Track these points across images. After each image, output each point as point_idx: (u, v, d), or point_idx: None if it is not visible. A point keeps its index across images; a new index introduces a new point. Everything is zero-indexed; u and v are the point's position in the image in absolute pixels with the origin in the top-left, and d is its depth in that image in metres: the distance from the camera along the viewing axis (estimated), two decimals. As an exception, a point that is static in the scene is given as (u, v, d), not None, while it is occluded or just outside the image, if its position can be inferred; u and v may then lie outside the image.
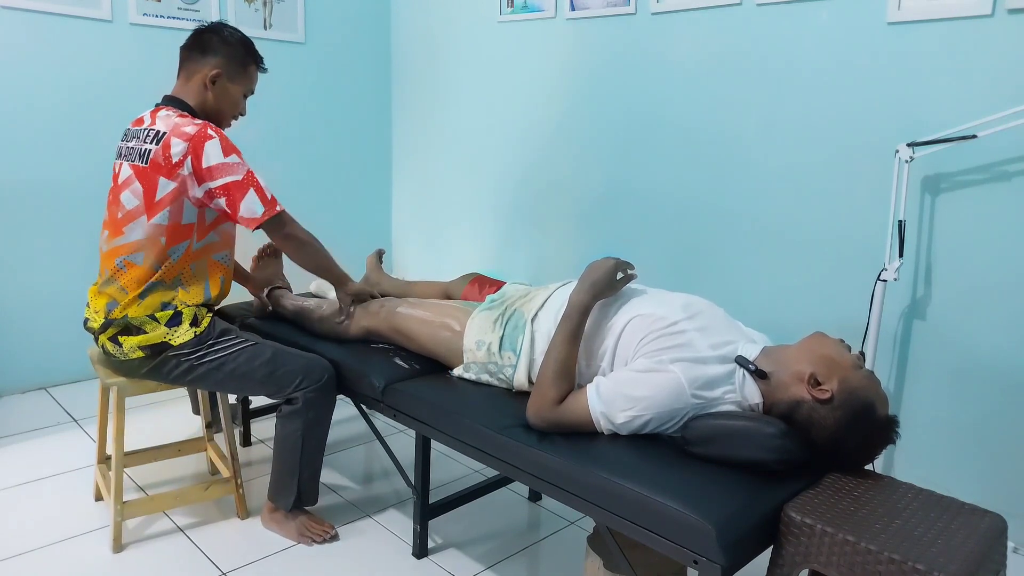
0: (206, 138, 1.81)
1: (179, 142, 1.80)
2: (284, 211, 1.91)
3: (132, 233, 1.86)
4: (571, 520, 2.21)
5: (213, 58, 1.94)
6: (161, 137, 1.82)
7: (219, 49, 1.95)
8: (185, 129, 1.82)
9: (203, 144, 1.80)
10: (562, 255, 3.21)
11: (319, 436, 2.01)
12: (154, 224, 1.84)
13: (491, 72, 3.38)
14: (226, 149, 1.83)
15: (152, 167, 1.82)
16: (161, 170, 1.81)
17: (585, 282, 1.67)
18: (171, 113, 1.90)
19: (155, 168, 1.82)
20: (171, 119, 1.86)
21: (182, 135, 1.81)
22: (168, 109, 1.92)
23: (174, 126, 1.83)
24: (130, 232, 1.86)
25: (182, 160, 1.80)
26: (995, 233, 2.03)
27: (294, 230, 1.95)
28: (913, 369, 2.22)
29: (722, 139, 2.58)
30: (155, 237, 1.85)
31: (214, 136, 1.82)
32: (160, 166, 1.81)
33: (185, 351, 1.89)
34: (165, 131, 1.83)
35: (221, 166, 1.81)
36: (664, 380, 1.51)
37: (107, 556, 1.93)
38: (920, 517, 1.33)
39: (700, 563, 1.29)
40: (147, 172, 1.83)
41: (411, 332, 2.04)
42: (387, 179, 4.05)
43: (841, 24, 2.26)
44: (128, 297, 1.86)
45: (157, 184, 1.82)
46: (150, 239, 1.85)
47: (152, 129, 1.86)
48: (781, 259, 2.47)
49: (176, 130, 1.82)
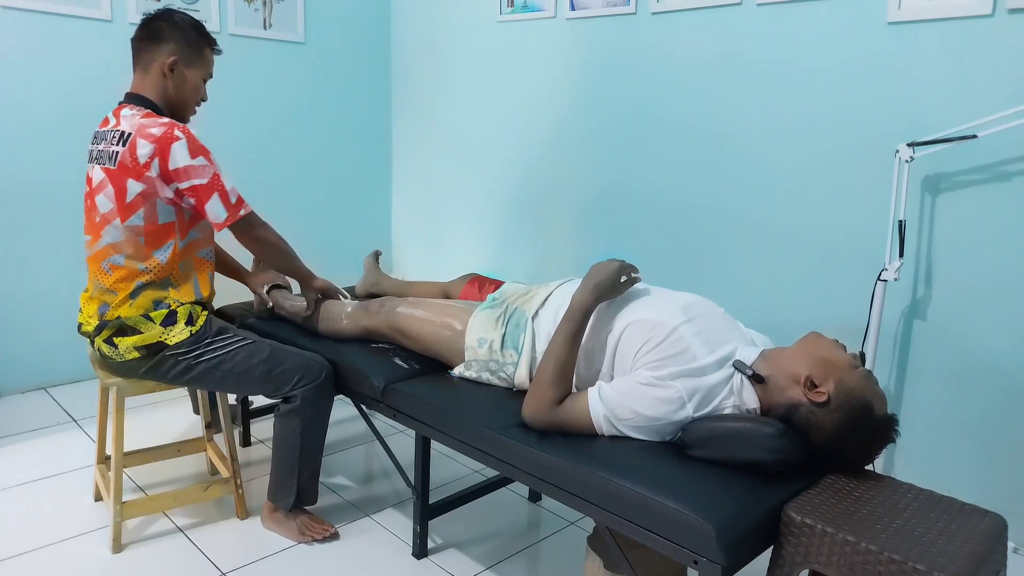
0: (172, 139, 1.78)
1: (145, 143, 1.77)
2: (249, 214, 1.89)
3: (109, 236, 1.85)
4: (571, 520, 2.21)
5: (167, 45, 1.89)
6: (127, 138, 1.80)
7: (171, 35, 1.90)
8: (151, 131, 1.79)
9: (170, 145, 1.78)
10: (562, 255, 3.20)
11: (318, 434, 2.01)
12: (128, 226, 1.83)
13: (491, 72, 3.38)
14: (193, 151, 1.80)
15: (120, 169, 1.80)
16: (129, 172, 1.79)
17: (588, 283, 1.66)
18: (135, 112, 1.86)
19: (123, 170, 1.80)
20: (135, 119, 1.83)
21: (148, 136, 1.78)
22: (131, 107, 1.88)
23: (139, 127, 1.80)
24: (107, 235, 1.85)
25: (149, 162, 1.77)
26: (995, 233, 2.03)
27: (260, 233, 1.94)
28: (913, 369, 2.22)
29: (722, 139, 2.58)
30: (132, 239, 1.84)
31: (181, 137, 1.79)
32: (128, 168, 1.79)
33: (182, 350, 1.89)
34: (131, 132, 1.80)
35: (188, 168, 1.79)
36: (665, 395, 1.51)
37: (106, 556, 1.93)
38: (920, 517, 1.33)
39: (700, 563, 1.29)
40: (116, 174, 1.81)
41: (412, 331, 2.03)
42: (387, 179, 4.05)
43: (841, 24, 2.26)
44: (118, 298, 1.86)
45: (126, 186, 1.80)
46: (127, 241, 1.84)
47: (117, 130, 1.83)
48: (781, 259, 2.47)
49: (142, 131, 1.79)
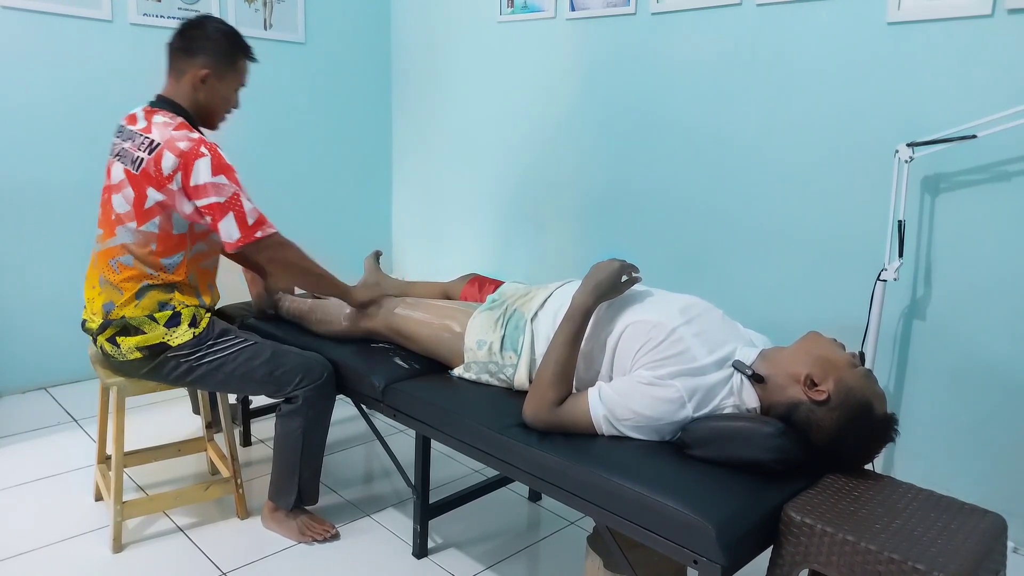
0: (197, 155, 1.78)
1: (171, 156, 1.78)
2: (267, 236, 1.83)
3: (123, 236, 1.86)
4: (571, 520, 2.21)
5: (200, 57, 1.89)
6: (155, 148, 1.80)
7: (205, 47, 1.89)
8: (179, 144, 1.79)
9: (194, 161, 1.77)
10: (562, 255, 3.20)
11: (319, 435, 2.01)
12: (143, 231, 1.83)
13: (491, 72, 3.38)
14: (216, 168, 1.79)
15: (143, 176, 1.80)
16: (151, 181, 1.80)
17: (589, 283, 1.65)
18: (168, 120, 1.86)
19: (145, 177, 1.80)
20: (167, 130, 1.82)
21: (175, 150, 1.78)
22: (164, 114, 1.88)
23: (169, 139, 1.80)
24: (121, 235, 1.86)
25: (172, 175, 1.78)
26: (995, 233, 2.03)
27: (277, 254, 1.88)
28: (913, 369, 2.22)
29: (722, 139, 2.58)
30: (145, 243, 1.85)
31: (206, 154, 1.79)
32: (150, 177, 1.79)
33: (184, 352, 1.89)
34: (159, 142, 1.80)
35: (208, 186, 1.78)
36: (665, 394, 1.51)
37: (107, 556, 1.93)
38: (920, 517, 1.33)
39: (700, 563, 1.29)
40: (138, 180, 1.81)
41: (411, 333, 2.03)
42: (387, 179, 4.05)
43: (841, 24, 2.26)
44: (124, 297, 1.86)
45: (146, 193, 1.81)
46: (139, 244, 1.85)
47: (147, 137, 1.83)
48: (781, 259, 2.47)
49: (170, 143, 1.79)
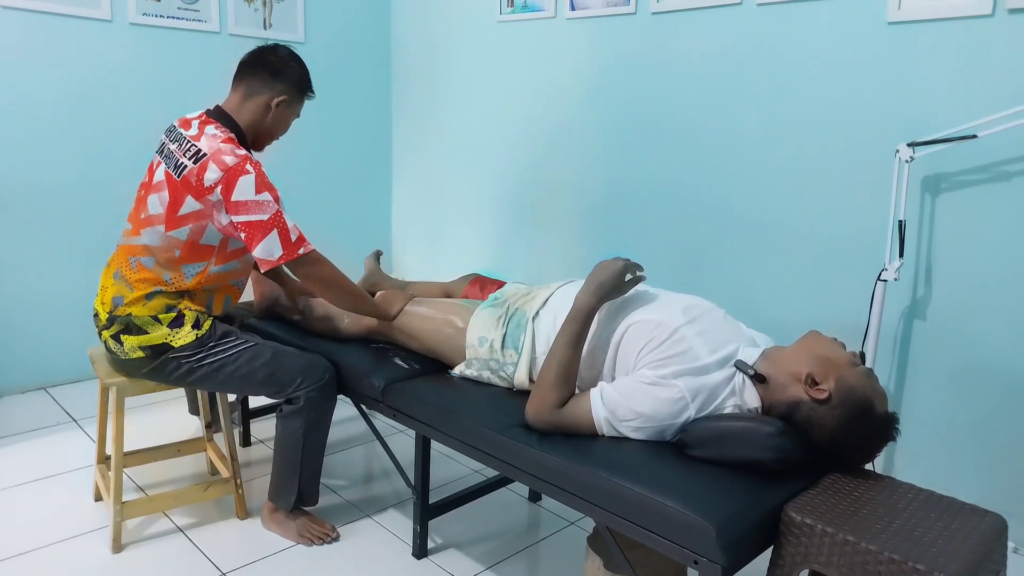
0: (242, 172, 1.78)
1: (216, 170, 1.78)
2: (308, 253, 1.84)
3: (148, 237, 1.86)
4: (571, 520, 2.21)
5: (282, 84, 1.94)
6: (200, 158, 1.80)
7: (289, 75, 1.95)
8: (225, 158, 1.79)
9: (238, 177, 1.78)
10: (562, 255, 3.20)
11: (320, 435, 2.01)
12: (171, 236, 1.84)
13: (491, 72, 3.38)
14: (259, 186, 1.79)
15: (183, 183, 1.81)
16: (191, 189, 1.80)
17: (592, 283, 1.64)
18: (219, 133, 1.86)
19: (185, 185, 1.80)
20: (216, 142, 1.82)
21: (220, 163, 1.78)
22: (217, 126, 1.88)
23: (216, 151, 1.80)
24: (147, 235, 1.87)
25: (213, 187, 1.78)
26: (995, 233, 2.03)
27: (315, 270, 1.88)
28: (913, 369, 2.22)
29: (722, 139, 2.58)
30: (169, 248, 1.85)
31: (251, 172, 1.79)
32: (191, 185, 1.80)
33: (186, 353, 1.89)
34: (206, 153, 1.80)
35: (249, 203, 1.78)
36: (668, 394, 1.51)
37: (106, 556, 1.93)
38: (920, 517, 1.33)
39: (700, 563, 1.29)
40: (178, 186, 1.82)
41: (413, 329, 2.03)
42: (387, 179, 4.05)
43: (841, 24, 2.26)
44: (135, 295, 1.87)
45: (183, 201, 1.81)
46: (163, 248, 1.85)
47: (195, 145, 1.83)
48: (781, 258, 2.47)
49: (216, 156, 1.79)
